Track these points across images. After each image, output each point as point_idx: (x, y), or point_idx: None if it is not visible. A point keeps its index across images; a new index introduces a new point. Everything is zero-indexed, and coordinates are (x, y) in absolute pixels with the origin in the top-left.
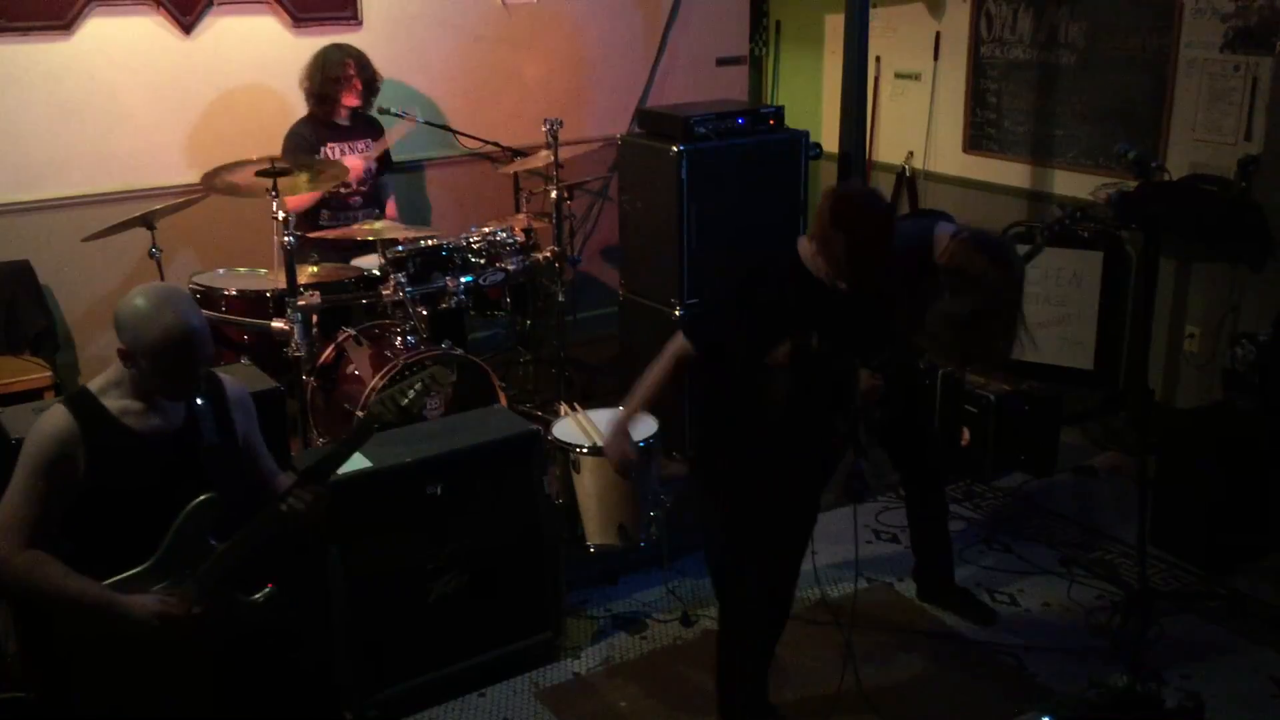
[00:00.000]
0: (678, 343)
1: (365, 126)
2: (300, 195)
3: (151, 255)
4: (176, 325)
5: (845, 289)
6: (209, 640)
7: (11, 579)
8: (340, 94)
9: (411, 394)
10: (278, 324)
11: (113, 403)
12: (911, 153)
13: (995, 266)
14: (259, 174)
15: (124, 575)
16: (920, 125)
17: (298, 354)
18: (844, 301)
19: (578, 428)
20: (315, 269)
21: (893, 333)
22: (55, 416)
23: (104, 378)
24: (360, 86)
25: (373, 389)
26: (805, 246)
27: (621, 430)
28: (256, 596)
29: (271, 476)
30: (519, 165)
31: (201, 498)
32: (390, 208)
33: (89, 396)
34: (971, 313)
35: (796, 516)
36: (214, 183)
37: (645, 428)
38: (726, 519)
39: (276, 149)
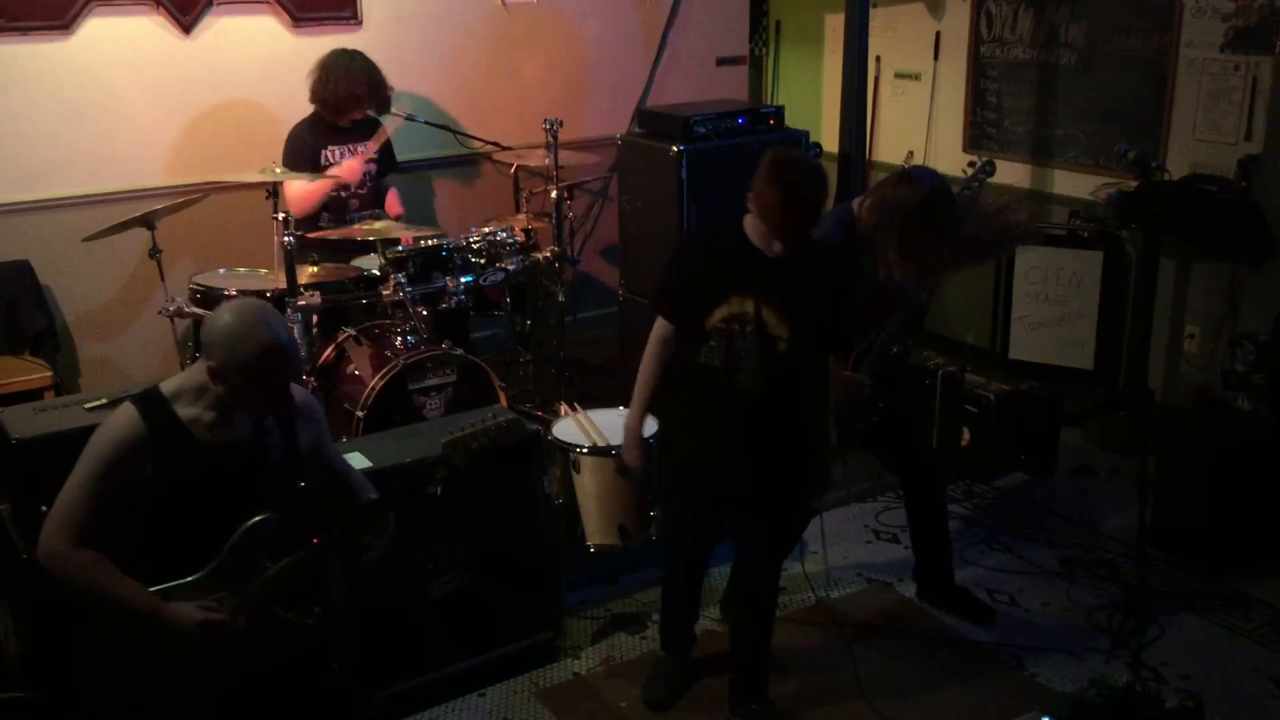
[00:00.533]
0: (657, 324)
1: (364, 127)
2: (299, 194)
3: (151, 255)
4: (271, 342)
5: (781, 250)
6: (252, 658)
7: (63, 574)
8: (353, 109)
9: (485, 441)
10: None
11: (184, 410)
12: (911, 152)
13: (899, 186)
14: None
15: (173, 583)
16: (920, 125)
17: None
18: (783, 276)
19: (578, 428)
20: (315, 269)
21: (846, 331)
22: (125, 419)
23: (178, 382)
24: (377, 101)
25: (373, 389)
26: (749, 220)
27: (635, 436)
28: (304, 619)
29: (344, 477)
30: (519, 164)
31: (260, 517)
32: (392, 197)
33: (161, 401)
34: (919, 228)
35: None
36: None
37: (645, 427)
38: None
39: (276, 149)
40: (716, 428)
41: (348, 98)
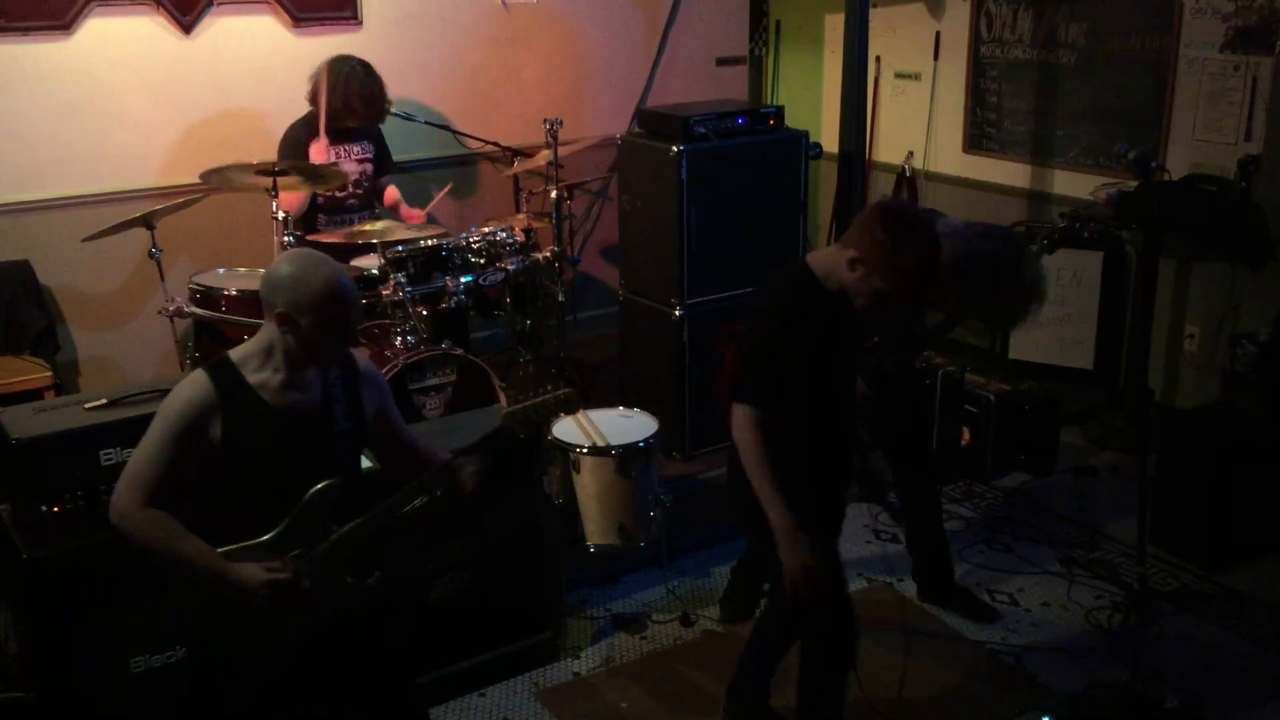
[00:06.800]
0: (750, 418)
1: (361, 129)
2: (293, 194)
3: (151, 255)
4: (334, 277)
5: (890, 305)
6: (312, 617)
7: (132, 534)
8: (348, 118)
9: (545, 412)
10: None
11: (252, 375)
12: (911, 152)
13: (1000, 260)
14: (258, 173)
15: (240, 545)
16: (920, 125)
17: None
18: (855, 314)
19: (578, 428)
20: None
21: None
22: (196, 383)
23: (244, 350)
24: (363, 116)
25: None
26: (831, 265)
27: (800, 539)
28: (368, 581)
29: (413, 446)
30: (519, 166)
31: (327, 481)
32: (391, 192)
33: (230, 366)
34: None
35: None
36: (212, 179)
37: (644, 427)
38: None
39: (276, 149)
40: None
41: (342, 109)
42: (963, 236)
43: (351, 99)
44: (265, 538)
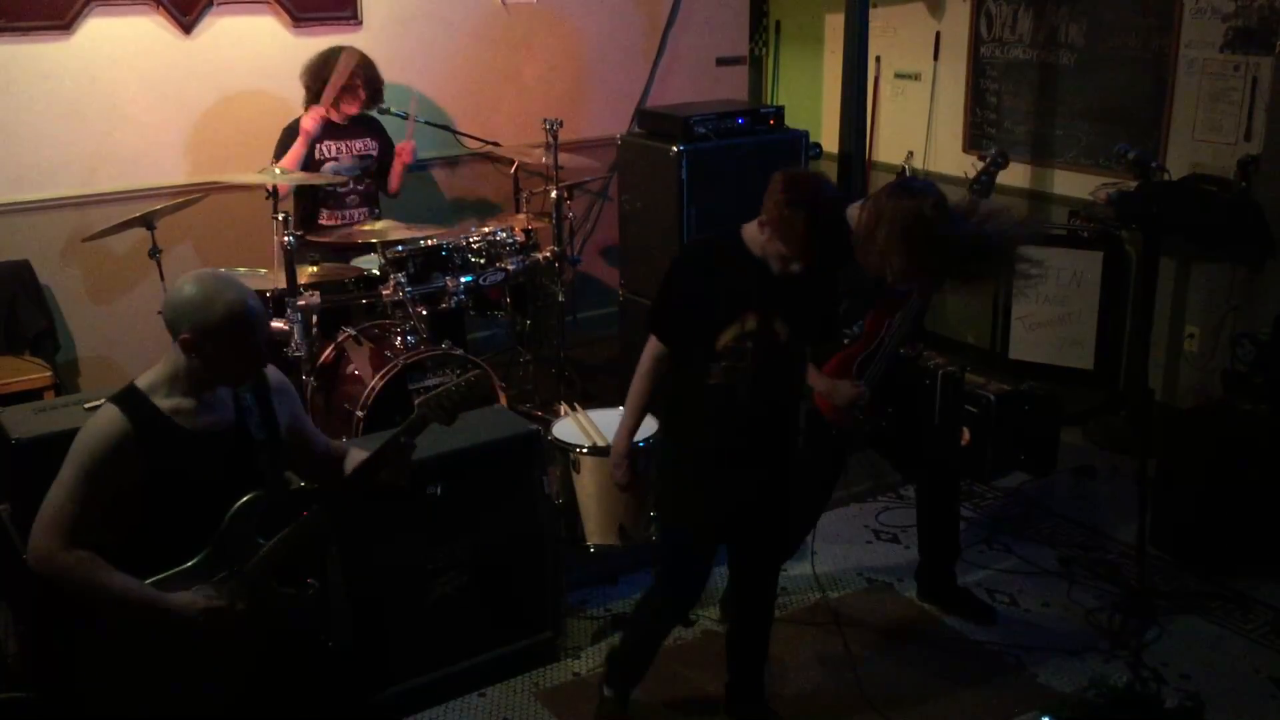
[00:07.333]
0: (652, 346)
1: (363, 125)
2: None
3: (151, 255)
4: (239, 301)
5: (798, 270)
6: (247, 633)
7: (57, 576)
8: (342, 102)
9: (456, 397)
10: (278, 324)
11: (163, 401)
12: (911, 152)
13: (898, 197)
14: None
15: (170, 573)
16: (920, 125)
17: (298, 354)
18: (787, 287)
19: (578, 428)
20: (315, 269)
21: (834, 321)
22: (107, 418)
23: (152, 376)
24: (364, 96)
25: (373, 389)
26: (754, 232)
27: (623, 454)
28: (302, 592)
29: (330, 451)
30: (519, 165)
31: (249, 496)
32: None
33: (140, 396)
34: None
35: (715, 511)
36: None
37: (644, 427)
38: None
39: (274, 149)
40: (729, 443)
41: (343, 89)
42: (873, 198)
43: (354, 77)
44: (191, 563)
